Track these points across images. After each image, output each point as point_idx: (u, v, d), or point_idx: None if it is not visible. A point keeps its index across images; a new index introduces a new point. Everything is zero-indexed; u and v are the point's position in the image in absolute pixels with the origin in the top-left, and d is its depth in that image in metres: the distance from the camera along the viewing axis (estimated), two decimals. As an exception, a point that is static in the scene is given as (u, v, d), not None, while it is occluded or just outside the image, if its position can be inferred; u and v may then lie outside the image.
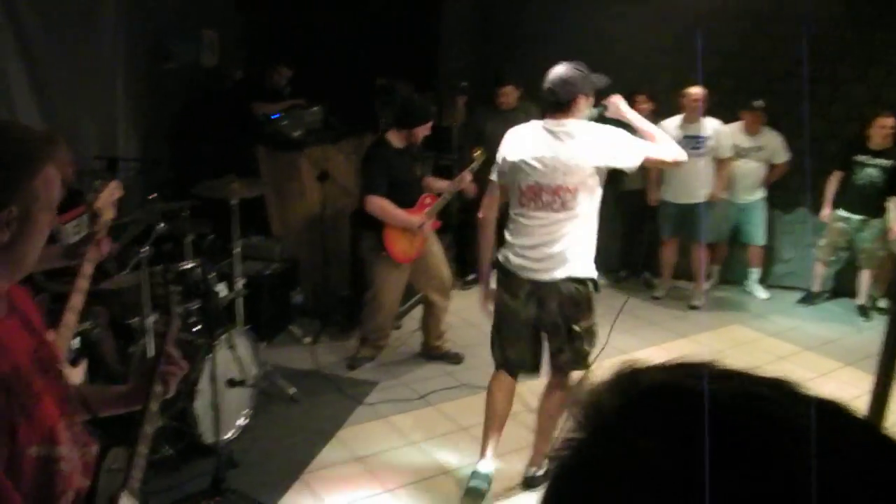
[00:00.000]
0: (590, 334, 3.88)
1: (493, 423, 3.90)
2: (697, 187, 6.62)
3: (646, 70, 7.27)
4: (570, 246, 3.59)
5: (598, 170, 3.56)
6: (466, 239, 7.38)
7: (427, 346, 5.59)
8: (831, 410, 0.58)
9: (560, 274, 3.60)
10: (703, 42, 7.03)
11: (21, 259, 1.52)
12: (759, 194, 6.95)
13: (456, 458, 4.21)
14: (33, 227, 1.49)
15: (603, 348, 3.98)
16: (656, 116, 6.93)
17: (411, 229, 5.09)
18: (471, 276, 7.35)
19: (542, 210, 3.61)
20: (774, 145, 6.77)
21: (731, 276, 7.45)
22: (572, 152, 3.54)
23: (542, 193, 3.60)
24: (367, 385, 5.10)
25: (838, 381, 5.32)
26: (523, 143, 3.71)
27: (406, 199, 5.06)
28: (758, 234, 7.04)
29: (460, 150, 7.14)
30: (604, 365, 5.37)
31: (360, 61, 7.25)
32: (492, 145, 6.81)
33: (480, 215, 4.05)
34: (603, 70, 7.04)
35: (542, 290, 3.67)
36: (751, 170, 6.84)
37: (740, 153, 6.78)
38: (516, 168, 3.69)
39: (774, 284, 7.41)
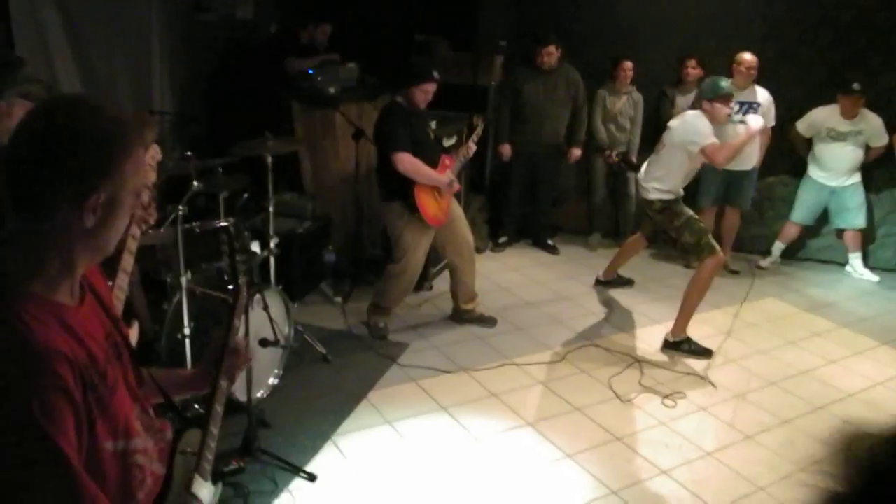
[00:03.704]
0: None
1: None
2: (748, 153, 6.49)
3: (693, 32, 7.10)
4: None
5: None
6: (498, 201, 7.32)
7: (458, 311, 5.53)
8: None
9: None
10: (751, 7, 6.87)
11: (104, 244, 1.48)
12: (856, 178, 6.74)
13: (487, 424, 4.18)
14: (118, 212, 1.45)
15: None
16: (702, 82, 6.79)
17: (439, 189, 5.02)
18: (502, 239, 7.29)
19: None
20: (874, 128, 6.55)
21: (793, 253, 7.31)
22: None
23: None
24: (398, 346, 5.08)
25: (873, 359, 5.23)
26: None
27: (428, 159, 4.95)
28: (855, 218, 6.83)
29: (496, 110, 7.04)
30: (639, 335, 5.36)
31: (397, 17, 7.14)
32: (528, 105, 6.77)
33: None
34: (649, 33, 7.01)
35: None
36: (846, 153, 6.62)
37: (836, 137, 6.57)
38: None
39: (811, 258, 7.29)
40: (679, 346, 5.18)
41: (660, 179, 5.22)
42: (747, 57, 6.32)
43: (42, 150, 1.35)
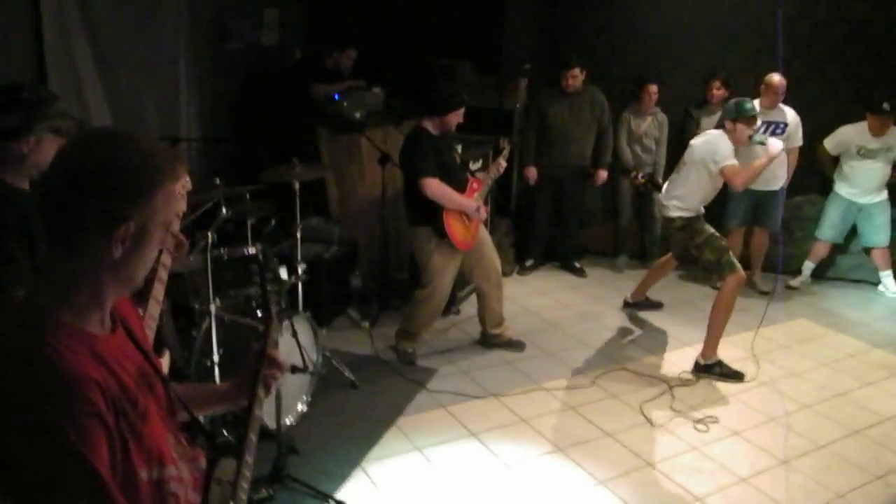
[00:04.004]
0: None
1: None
2: (776, 174, 6.45)
3: (718, 53, 7.08)
4: None
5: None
6: (524, 224, 7.30)
7: (486, 335, 5.50)
8: None
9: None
10: (776, 25, 6.82)
11: (132, 276, 1.47)
12: (883, 195, 6.67)
13: (517, 450, 4.14)
14: (147, 244, 1.45)
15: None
16: (727, 103, 6.76)
17: (467, 214, 5.00)
18: (529, 262, 7.27)
19: None
20: None
21: (822, 272, 7.22)
22: None
23: None
24: (427, 372, 5.05)
25: (909, 381, 5.15)
26: None
27: (455, 184, 4.95)
28: (880, 236, 6.75)
29: (521, 133, 7.04)
30: (668, 358, 5.30)
31: (421, 42, 7.17)
32: (553, 128, 6.76)
33: None
34: (673, 52, 6.98)
35: None
36: (876, 170, 6.55)
37: (866, 154, 6.50)
38: None
39: (842, 277, 7.20)
40: (710, 368, 5.11)
41: (680, 198, 5.21)
42: (776, 79, 6.28)
43: (72, 181, 1.36)
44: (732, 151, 5.04)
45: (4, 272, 2.35)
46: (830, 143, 6.63)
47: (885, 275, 6.89)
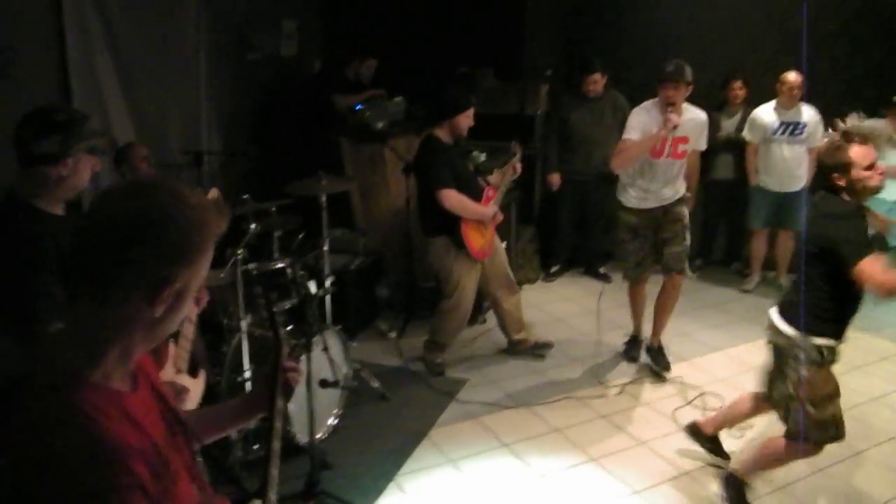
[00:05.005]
0: None
1: None
2: (797, 174, 6.40)
3: (738, 53, 7.04)
4: None
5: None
6: (549, 231, 7.26)
7: (511, 343, 5.48)
8: None
9: None
10: (799, 23, 6.77)
11: (164, 332, 1.43)
12: None
13: (550, 461, 4.11)
14: (185, 301, 1.41)
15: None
16: (747, 103, 6.73)
17: (483, 223, 4.98)
18: (554, 269, 7.23)
19: None
20: None
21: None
22: None
23: None
24: (456, 382, 5.03)
25: (945, 383, 5.08)
26: None
27: (470, 192, 4.92)
28: None
29: (544, 139, 7.02)
30: (697, 364, 5.25)
31: (442, 50, 7.15)
32: (576, 133, 6.73)
33: None
34: (693, 54, 6.89)
35: None
36: None
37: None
38: None
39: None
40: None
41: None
42: (791, 77, 6.25)
43: (121, 236, 1.29)
44: (643, 123, 4.82)
45: (39, 307, 2.32)
46: None
47: None
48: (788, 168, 6.44)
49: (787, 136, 6.36)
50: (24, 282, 2.33)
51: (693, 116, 4.92)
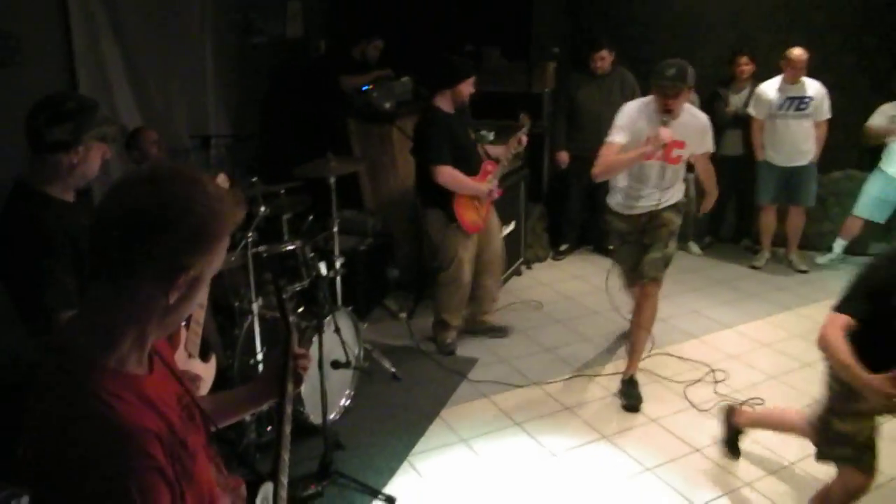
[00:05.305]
0: None
1: None
2: (803, 149, 6.38)
3: (745, 31, 6.99)
4: None
5: None
6: (557, 209, 7.25)
7: (474, 320, 5.47)
8: None
9: None
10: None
11: (178, 319, 1.44)
12: None
13: (562, 439, 4.12)
14: (199, 289, 1.42)
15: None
16: (756, 79, 6.69)
17: (479, 197, 4.98)
18: (563, 247, 7.22)
19: None
20: None
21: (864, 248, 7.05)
22: None
23: None
24: (467, 362, 5.05)
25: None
26: None
27: (469, 165, 4.93)
28: None
29: (552, 117, 6.99)
30: (708, 341, 5.24)
31: (448, 29, 7.11)
32: (583, 111, 6.69)
33: None
34: (701, 30, 6.79)
35: None
36: None
37: None
38: None
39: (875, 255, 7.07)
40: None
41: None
42: (796, 52, 6.22)
43: (138, 223, 1.30)
44: (627, 122, 4.40)
45: (48, 295, 2.34)
46: (876, 120, 6.43)
47: None
48: (795, 142, 6.40)
49: (792, 111, 6.33)
50: (36, 270, 2.34)
51: (691, 120, 4.41)
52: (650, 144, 4.19)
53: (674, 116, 4.22)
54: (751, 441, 4.06)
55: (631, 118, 4.37)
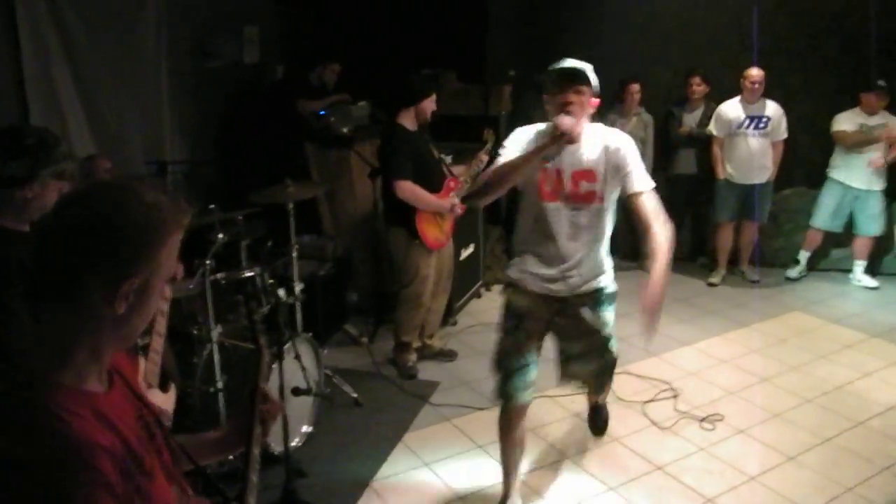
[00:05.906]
0: None
1: None
2: (764, 166, 6.59)
3: (698, 50, 7.14)
4: None
5: None
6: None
7: (422, 346, 5.46)
8: None
9: None
10: (756, 21, 6.87)
11: (133, 331, 1.44)
12: (879, 185, 6.63)
13: (526, 461, 4.12)
14: (150, 297, 1.42)
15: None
16: (708, 99, 6.83)
17: (442, 214, 5.01)
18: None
19: None
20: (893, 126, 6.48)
21: (817, 262, 7.25)
22: None
23: None
24: (428, 385, 5.03)
25: (910, 369, 5.18)
26: None
27: (432, 183, 4.95)
28: (872, 225, 6.73)
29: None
30: (667, 358, 5.29)
31: (404, 52, 7.15)
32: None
33: None
34: (653, 51, 6.88)
35: None
36: (873, 158, 6.52)
37: (867, 132, 6.47)
38: None
39: (831, 268, 7.23)
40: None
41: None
42: (753, 72, 6.45)
43: (77, 236, 1.32)
44: (522, 139, 3.37)
45: (5, 333, 2.29)
46: (844, 127, 6.57)
47: (859, 264, 6.94)
48: (755, 160, 6.58)
49: (752, 130, 6.52)
50: None
51: (602, 144, 3.27)
52: (548, 140, 3.14)
53: (576, 127, 3.13)
54: (710, 457, 4.12)
55: (525, 137, 3.38)
